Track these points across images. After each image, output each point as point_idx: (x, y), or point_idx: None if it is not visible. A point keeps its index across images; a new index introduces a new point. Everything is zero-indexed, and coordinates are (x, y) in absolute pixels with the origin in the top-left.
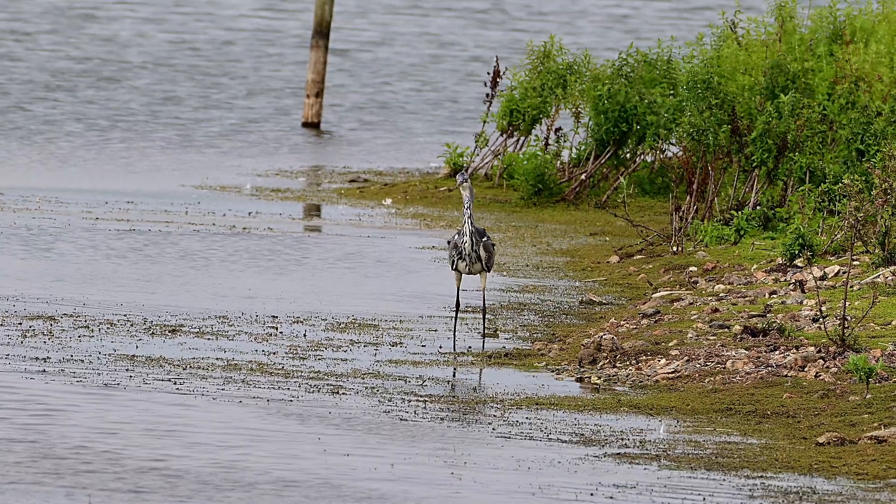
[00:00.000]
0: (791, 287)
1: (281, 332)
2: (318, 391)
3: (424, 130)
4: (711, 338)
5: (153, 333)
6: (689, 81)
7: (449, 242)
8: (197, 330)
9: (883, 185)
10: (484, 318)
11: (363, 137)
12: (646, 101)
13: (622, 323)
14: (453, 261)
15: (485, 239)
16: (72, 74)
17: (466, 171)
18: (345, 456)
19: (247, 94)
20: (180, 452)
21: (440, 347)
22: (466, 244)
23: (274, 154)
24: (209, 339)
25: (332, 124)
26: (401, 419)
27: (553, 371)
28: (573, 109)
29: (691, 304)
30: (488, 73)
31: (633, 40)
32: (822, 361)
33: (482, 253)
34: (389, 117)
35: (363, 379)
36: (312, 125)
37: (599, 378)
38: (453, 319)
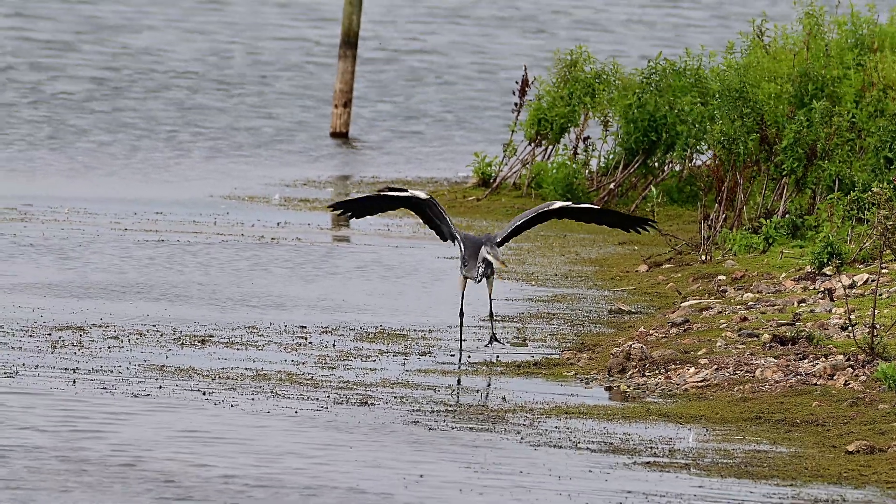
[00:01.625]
0: (820, 295)
1: (310, 342)
2: (347, 401)
3: (452, 140)
4: (740, 346)
5: (182, 344)
6: (721, 91)
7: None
8: (226, 340)
9: None
10: (492, 320)
11: (391, 147)
12: (675, 110)
13: (651, 332)
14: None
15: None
16: (102, 84)
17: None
18: (374, 465)
19: (275, 104)
20: (209, 461)
21: (469, 357)
22: (478, 273)
23: (302, 164)
24: (238, 349)
25: (360, 134)
26: (429, 428)
27: (582, 380)
28: (602, 118)
29: (720, 312)
30: (516, 83)
31: (662, 49)
32: (851, 370)
33: (488, 272)
34: (418, 127)
35: (392, 388)
36: (341, 135)
37: (629, 387)
38: (459, 328)
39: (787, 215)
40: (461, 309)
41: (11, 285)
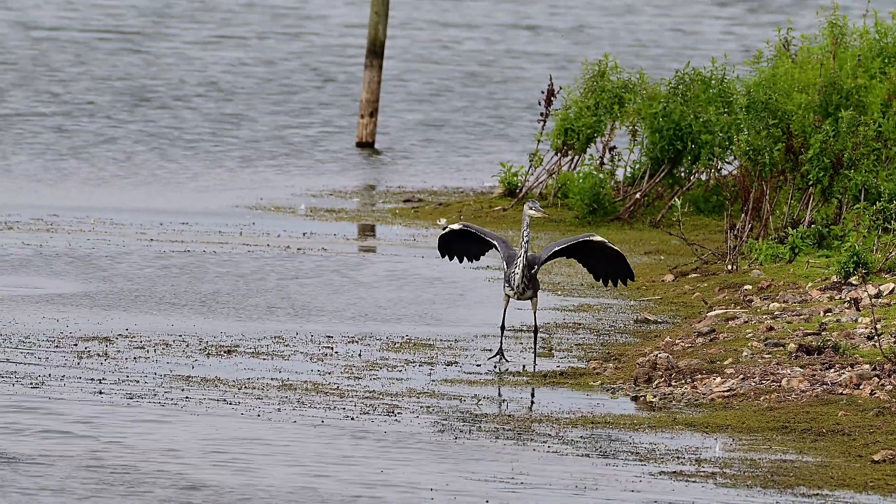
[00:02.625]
0: (846, 305)
1: (336, 352)
2: (374, 410)
3: (479, 149)
4: (766, 356)
5: (209, 354)
6: (748, 101)
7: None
8: (252, 350)
9: None
10: (536, 338)
11: (417, 157)
12: (701, 119)
13: (677, 341)
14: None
15: (534, 270)
16: (128, 94)
17: (535, 202)
18: (400, 473)
19: (301, 114)
20: (234, 470)
21: (495, 367)
22: (517, 276)
23: (328, 174)
24: (264, 359)
25: (386, 143)
26: (455, 438)
27: (608, 390)
28: (630, 128)
29: (746, 322)
30: (542, 92)
31: (689, 59)
32: (877, 379)
33: (531, 285)
34: (444, 136)
35: (418, 398)
36: (367, 145)
37: (655, 396)
38: (499, 340)
39: (813, 225)
40: (502, 323)
41: (38, 296)
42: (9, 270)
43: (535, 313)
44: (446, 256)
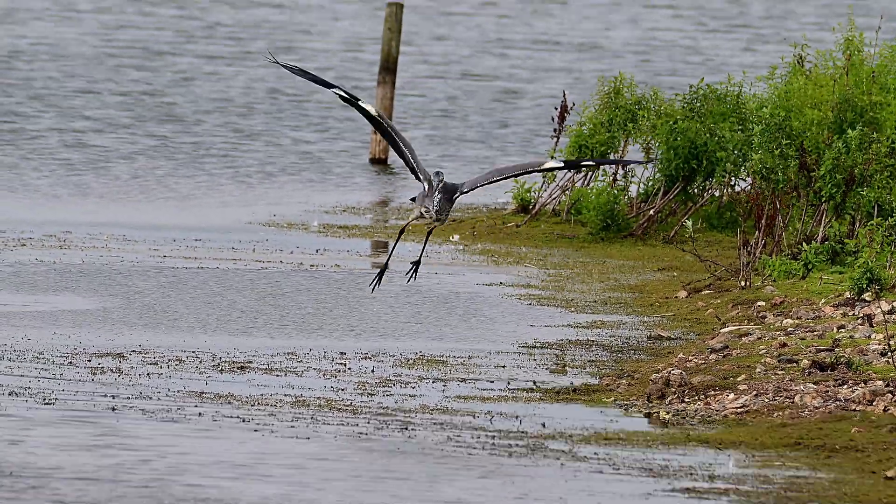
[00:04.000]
0: (859, 321)
1: (349, 369)
2: (387, 427)
3: (491, 165)
4: (780, 372)
5: (222, 370)
6: (760, 122)
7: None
8: (265, 366)
9: None
10: (424, 245)
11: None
12: (715, 137)
13: (690, 358)
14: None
15: (455, 196)
16: (143, 109)
17: (441, 173)
18: (413, 490)
19: (314, 130)
20: (247, 487)
21: (508, 383)
22: (435, 210)
23: (341, 190)
24: (278, 375)
25: (399, 160)
26: (469, 454)
27: (621, 406)
28: (643, 145)
29: (759, 338)
30: (555, 108)
31: (704, 74)
32: (890, 395)
33: (446, 215)
34: (456, 151)
35: (432, 414)
36: (380, 161)
37: (668, 413)
38: (391, 247)
39: (826, 241)
40: (402, 229)
41: (50, 312)
42: (22, 286)
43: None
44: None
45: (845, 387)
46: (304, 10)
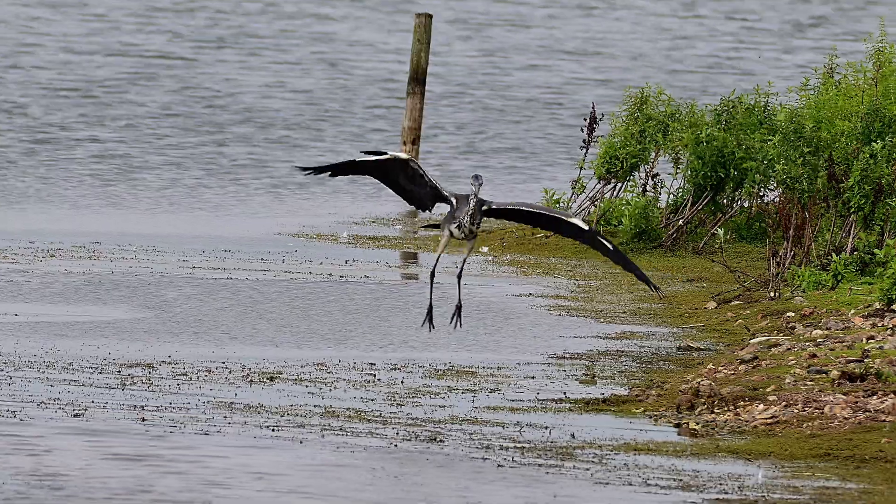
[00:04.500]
0: (889, 332)
1: (379, 379)
2: (416, 438)
3: (521, 177)
4: (809, 383)
5: (251, 381)
6: (778, 137)
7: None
8: (295, 377)
9: None
10: (459, 286)
11: (459, 183)
12: (744, 146)
13: (720, 369)
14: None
15: (483, 208)
16: (170, 120)
17: (480, 177)
18: (442, 499)
19: (344, 141)
20: (277, 498)
21: (538, 394)
22: (466, 221)
23: (371, 201)
24: (307, 386)
25: (428, 170)
26: (498, 465)
27: (651, 417)
28: (673, 156)
29: (789, 349)
30: (584, 119)
31: (742, 84)
32: None
33: (477, 230)
34: (485, 162)
35: (461, 425)
36: None
37: (697, 424)
38: (429, 292)
39: (855, 252)
40: (433, 270)
41: (80, 323)
42: (51, 297)
43: (468, 253)
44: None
45: (875, 398)
46: (336, 20)
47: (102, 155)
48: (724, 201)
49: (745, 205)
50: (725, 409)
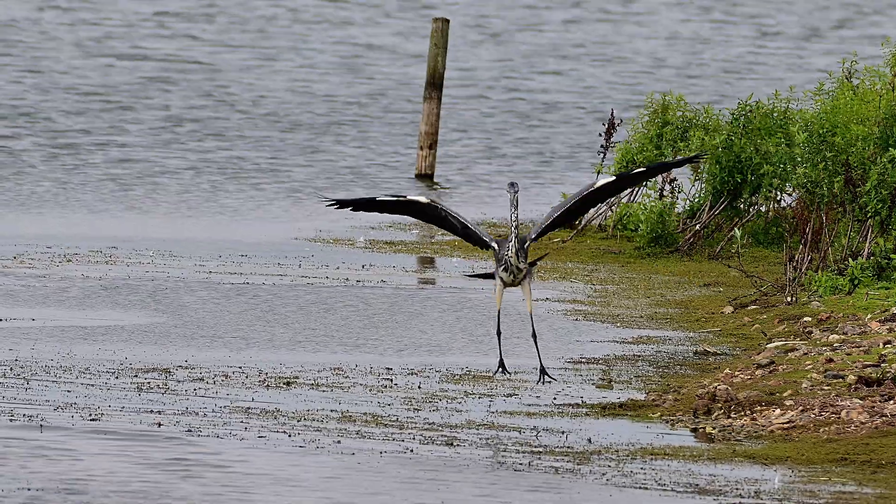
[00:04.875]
0: None
1: (396, 384)
2: (433, 442)
3: (538, 181)
4: (826, 388)
5: (268, 386)
6: (804, 137)
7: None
8: (312, 382)
9: None
10: (536, 343)
11: (477, 187)
12: (761, 151)
13: (736, 373)
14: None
15: (526, 244)
16: (186, 124)
17: (517, 183)
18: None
19: (360, 146)
20: (297, 502)
21: (555, 398)
22: (511, 259)
23: None
24: (324, 390)
25: (445, 174)
26: (515, 470)
27: (667, 421)
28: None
29: (805, 354)
30: (603, 124)
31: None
32: None
33: (525, 266)
34: (502, 166)
35: (478, 430)
36: (426, 177)
37: (714, 428)
38: (498, 343)
39: (872, 257)
40: (498, 328)
41: (96, 328)
42: (68, 302)
43: (529, 299)
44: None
45: (892, 402)
46: (355, 24)
47: (120, 159)
48: (742, 206)
49: (762, 209)
50: (742, 413)
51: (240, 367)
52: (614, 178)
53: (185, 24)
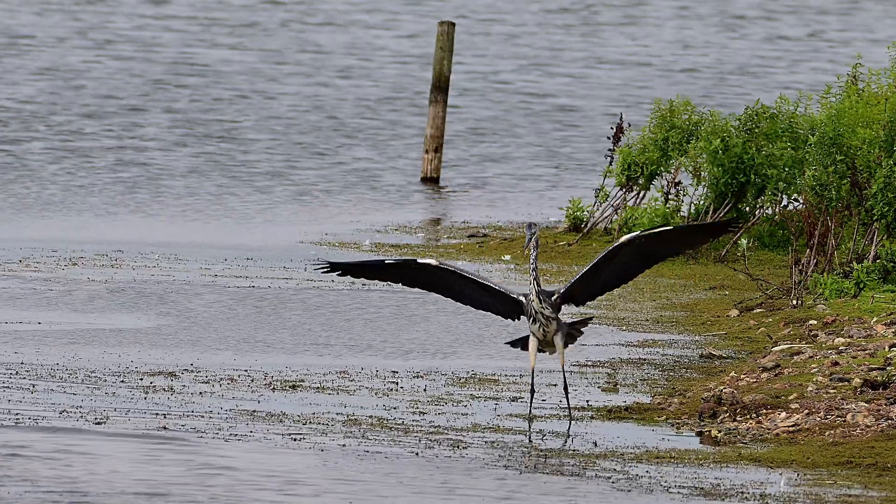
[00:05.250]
0: None
1: (401, 387)
2: (439, 445)
3: (544, 184)
4: (831, 391)
5: (274, 389)
6: (816, 138)
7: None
8: (317, 385)
9: None
10: (567, 395)
11: (482, 191)
12: (764, 153)
13: (742, 377)
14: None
15: (553, 298)
16: (191, 127)
17: (535, 224)
18: None
19: (366, 149)
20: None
21: (560, 402)
22: (535, 304)
23: (393, 209)
24: (330, 394)
25: (451, 178)
26: (521, 473)
27: (673, 425)
28: (693, 165)
29: (811, 357)
30: (611, 128)
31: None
32: None
33: (552, 315)
34: (509, 171)
35: (483, 433)
36: (431, 180)
37: (720, 431)
38: (529, 402)
39: (877, 260)
40: (532, 387)
41: (102, 331)
42: (73, 305)
43: (562, 360)
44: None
45: None
46: (361, 27)
47: (126, 163)
48: (746, 209)
49: (768, 212)
50: (747, 416)
51: (245, 371)
52: (631, 237)
53: (189, 28)
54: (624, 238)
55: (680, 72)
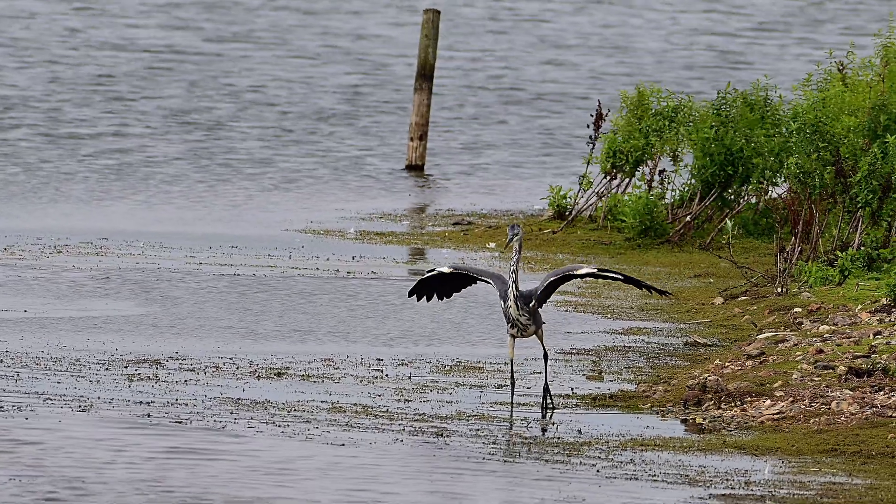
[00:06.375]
0: None
1: (386, 375)
2: (423, 433)
3: (529, 172)
4: (816, 379)
5: (259, 377)
6: (798, 125)
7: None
8: (302, 373)
9: None
10: (546, 364)
11: (467, 179)
12: (752, 143)
13: (727, 364)
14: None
15: (531, 304)
16: (178, 117)
17: (518, 226)
18: (451, 497)
19: (351, 137)
20: (282, 494)
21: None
22: (512, 310)
23: (378, 197)
24: (315, 382)
25: (436, 166)
26: (505, 461)
27: (658, 412)
28: (671, 152)
29: (796, 345)
30: (591, 115)
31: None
32: None
33: (529, 320)
34: (493, 158)
35: (468, 421)
36: (416, 168)
37: (704, 419)
38: (510, 393)
39: (862, 248)
40: (511, 372)
41: (87, 319)
42: (58, 293)
43: (542, 343)
44: (415, 296)
45: (882, 393)
46: (347, 14)
47: (110, 150)
48: (731, 197)
49: (753, 200)
50: (732, 404)
51: (230, 358)
52: (595, 269)
53: (177, 15)
54: (584, 271)
55: (673, 56)
